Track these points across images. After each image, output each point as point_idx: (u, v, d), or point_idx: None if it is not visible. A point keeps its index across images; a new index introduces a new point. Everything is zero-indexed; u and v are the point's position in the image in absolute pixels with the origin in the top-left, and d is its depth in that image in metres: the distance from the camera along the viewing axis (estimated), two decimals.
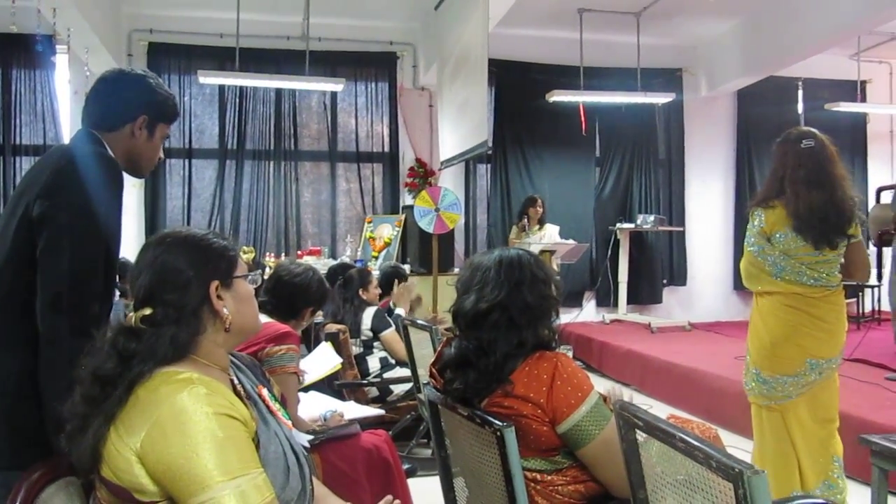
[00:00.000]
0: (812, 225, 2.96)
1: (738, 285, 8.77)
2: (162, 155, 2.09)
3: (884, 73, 9.20)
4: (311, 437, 2.45)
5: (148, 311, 1.40)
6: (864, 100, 8.98)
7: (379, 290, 4.94)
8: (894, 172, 9.31)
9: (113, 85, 1.97)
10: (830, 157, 3.03)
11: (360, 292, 4.67)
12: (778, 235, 3.03)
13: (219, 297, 1.46)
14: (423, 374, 3.48)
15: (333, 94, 8.10)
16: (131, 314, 1.41)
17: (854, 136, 9.41)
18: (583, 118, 8.40)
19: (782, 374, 3.07)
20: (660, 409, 5.43)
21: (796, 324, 3.04)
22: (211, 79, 7.05)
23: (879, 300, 8.44)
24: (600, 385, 2.16)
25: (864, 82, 9.00)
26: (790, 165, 3.04)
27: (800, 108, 9.21)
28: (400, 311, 5.01)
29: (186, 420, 1.28)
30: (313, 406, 3.15)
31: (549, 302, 2.02)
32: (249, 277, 1.56)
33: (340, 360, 3.87)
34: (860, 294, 8.41)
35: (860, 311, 8.28)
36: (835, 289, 3.05)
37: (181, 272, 1.43)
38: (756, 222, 3.10)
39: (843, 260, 3.07)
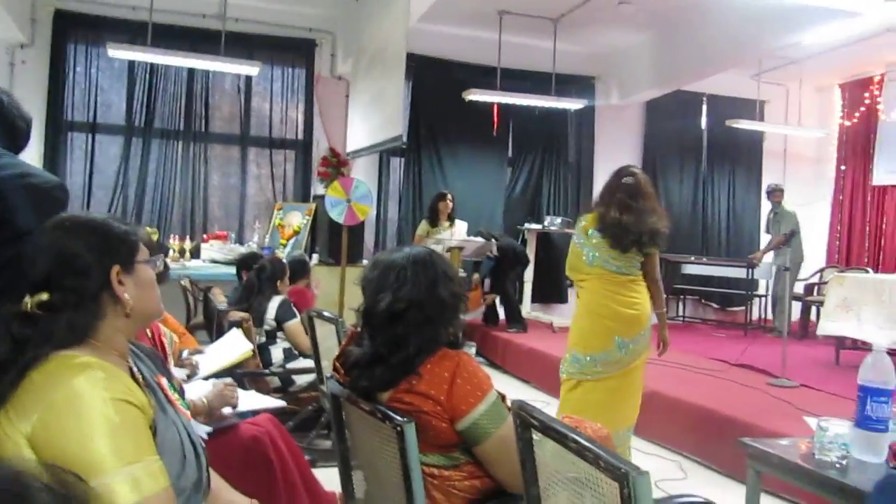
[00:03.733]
0: (614, 233, 3.78)
1: None
2: None
3: (781, 95, 9.69)
4: (209, 428, 2.39)
5: (45, 297, 1.36)
6: (762, 119, 9.44)
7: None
8: (786, 188, 9.78)
9: None
10: (645, 193, 3.83)
11: (278, 284, 4.63)
12: (591, 232, 3.87)
13: (120, 282, 1.44)
14: (327, 365, 3.48)
15: (248, 78, 7.95)
16: (26, 299, 1.37)
17: (751, 152, 9.91)
18: (495, 118, 8.52)
19: (596, 352, 3.81)
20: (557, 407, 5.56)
21: (605, 303, 3.80)
22: (121, 52, 6.75)
23: (765, 309, 8.91)
24: (504, 383, 2.21)
25: (763, 102, 9.46)
26: (610, 191, 3.89)
27: (703, 122, 9.62)
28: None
29: (81, 404, 1.25)
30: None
31: (460, 299, 2.07)
32: (152, 262, 1.53)
33: (251, 346, 3.81)
34: (748, 303, 8.86)
35: (748, 319, 8.71)
36: (635, 277, 3.82)
37: (80, 257, 1.40)
38: (579, 224, 3.98)
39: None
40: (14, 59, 7.14)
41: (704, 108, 9.58)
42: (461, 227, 7.53)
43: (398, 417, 1.85)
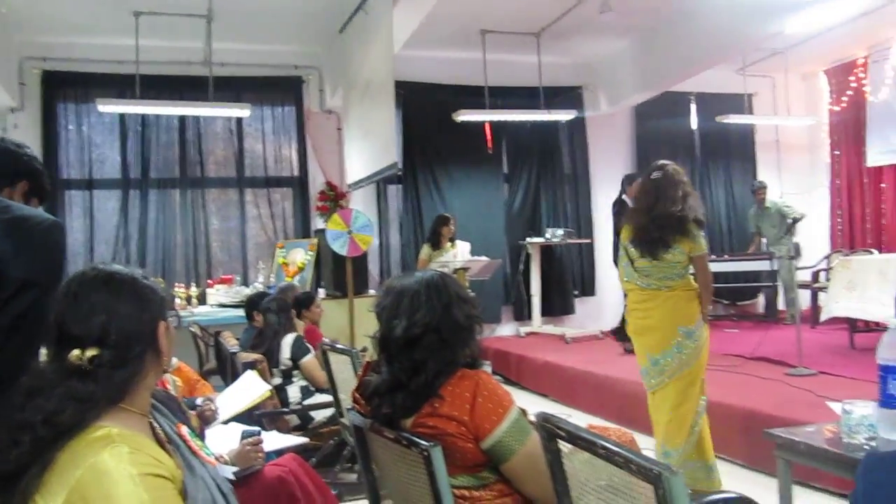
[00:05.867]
0: (639, 238, 3.76)
1: None
2: None
3: (768, 87, 9.72)
4: (234, 468, 2.39)
5: (95, 352, 1.35)
6: (751, 111, 9.48)
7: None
8: (781, 178, 9.83)
9: None
10: (670, 183, 3.70)
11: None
12: (626, 244, 3.87)
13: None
14: (345, 398, 3.47)
15: (239, 120, 7.99)
16: (76, 352, 1.34)
17: (744, 146, 9.94)
18: (489, 136, 8.57)
19: (640, 367, 3.87)
20: (578, 418, 5.55)
21: (631, 320, 3.92)
22: (110, 107, 6.85)
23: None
24: (522, 398, 2.21)
25: (751, 95, 9.51)
26: (638, 192, 3.94)
27: (693, 121, 9.65)
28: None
29: (109, 484, 1.21)
30: (233, 437, 3.08)
31: (475, 319, 2.08)
32: (174, 315, 1.55)
33: (269, 386, 3.80)
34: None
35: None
36: (665, 290, 3.72)
37: (133, 313, 1.41)
38: (622, 235, 3.95)
39: (686, 270, 3.77)
40: (6, 123, 7.19)
41: (693, 106, 9.61)
42: (463, 247, 7.54)
43: (424, 442, 1.86)
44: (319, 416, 4.38)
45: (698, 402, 3.74)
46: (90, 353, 1.34)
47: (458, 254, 7.39)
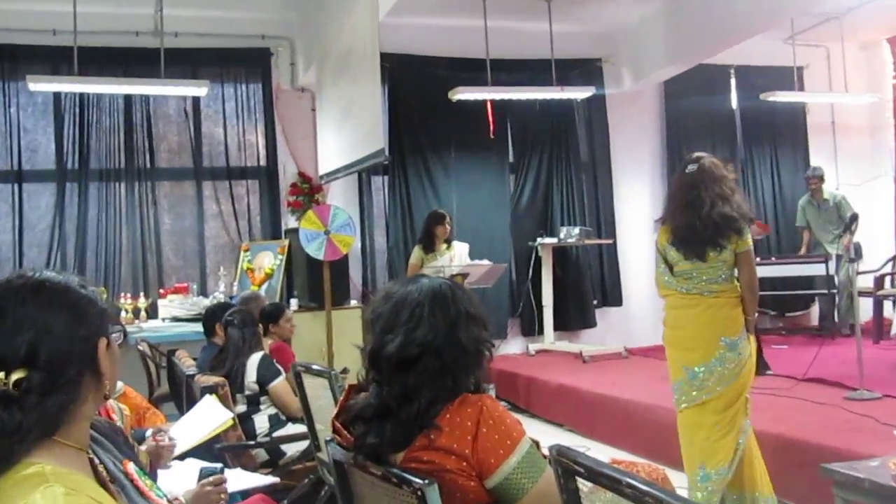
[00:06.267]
0: (683, 238, 3.87)
1: None
2: None
3: (821, 58, 9.73)
4: None
5: (22, 375, 1.32)
6: (801, 87, 9.44)
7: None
8: (838, 167, 9.83)
9: None
10: (711, 179, 3.85)
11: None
12: (665, 248, 3.99)
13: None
14: (322, 428, 3.46)
15: (196, 100, 7.99)
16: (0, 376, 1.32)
17: (794, 127, 9.93)
18: (491, 118, 8.56)
19: (673, 380, 3.97)
20: (599, 451, 5.54)
21: (669, 325, 4.04)
22: (43, 85, 6.83)
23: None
24: (532, 428, 2.20)
25: (801, 69, 9.47)
26: (674, 188, 4.08)
27: (734, 98, 9.64)
28: None
29: None
30: (191, 475, 3.07)
31: (484, 344, 2.08)
32: (118, 332, 1.53)
33: (231, 414, 3.79)
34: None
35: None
36: (708, 296, 3.86)
37: (71, 329, 1.38)
38: (657, 237, 4.11)
39: (732, 272, 3.90)
40: None
41: (733, 81, 9.61)
42: (461, 249, 7.51)
43: (417, 479, 1.84)
44: (292, 450, 4.37)
45: (741, 424, 3.81)
46: (16, 376, 1.32)
47: (456, 257, 7.37)
